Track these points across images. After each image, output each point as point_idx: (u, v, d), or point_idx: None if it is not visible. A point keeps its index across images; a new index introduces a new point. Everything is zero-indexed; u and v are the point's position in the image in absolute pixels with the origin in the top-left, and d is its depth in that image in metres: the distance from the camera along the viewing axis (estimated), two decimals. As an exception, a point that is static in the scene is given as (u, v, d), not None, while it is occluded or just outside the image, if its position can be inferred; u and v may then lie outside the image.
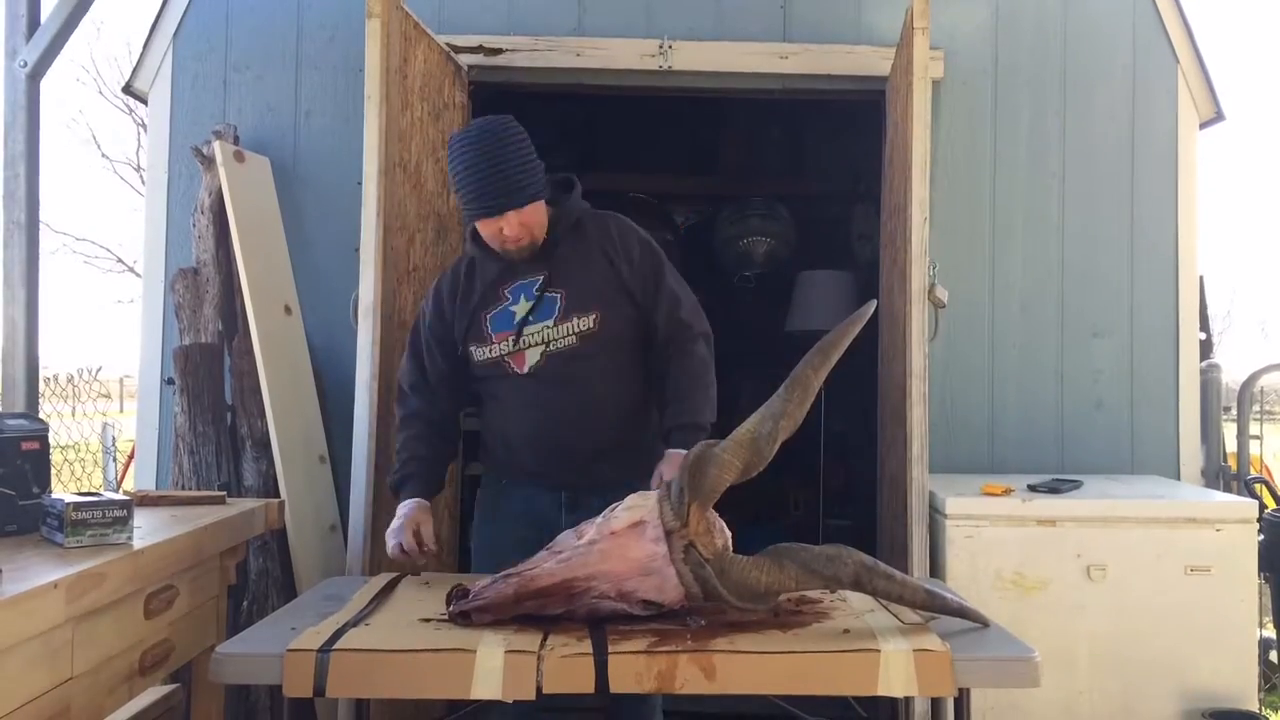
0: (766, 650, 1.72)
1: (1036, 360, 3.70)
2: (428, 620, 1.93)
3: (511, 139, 2.27)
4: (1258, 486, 4.11)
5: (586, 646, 1.72)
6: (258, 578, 3.19)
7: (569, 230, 2.41)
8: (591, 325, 2.35)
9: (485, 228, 2.32)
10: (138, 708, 2.47)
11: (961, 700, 1.81)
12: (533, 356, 2.36)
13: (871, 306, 2.05)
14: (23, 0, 3.61)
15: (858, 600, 2.06)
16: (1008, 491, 3.05)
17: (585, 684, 1.67)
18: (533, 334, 2.36)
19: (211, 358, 3.34)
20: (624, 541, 1.85)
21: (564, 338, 2.35)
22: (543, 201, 2.35)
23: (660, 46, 3.63)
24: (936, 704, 2.74)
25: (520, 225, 2.30)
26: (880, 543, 3.49)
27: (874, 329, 3.75)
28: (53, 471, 2.34)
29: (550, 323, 2.35)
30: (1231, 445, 4.27)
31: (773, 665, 1.70)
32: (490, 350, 2.39)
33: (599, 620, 1.85)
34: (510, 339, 2.37)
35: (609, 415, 2.40)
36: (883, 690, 1.69)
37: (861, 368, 4.27)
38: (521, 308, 2.37)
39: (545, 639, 1.78)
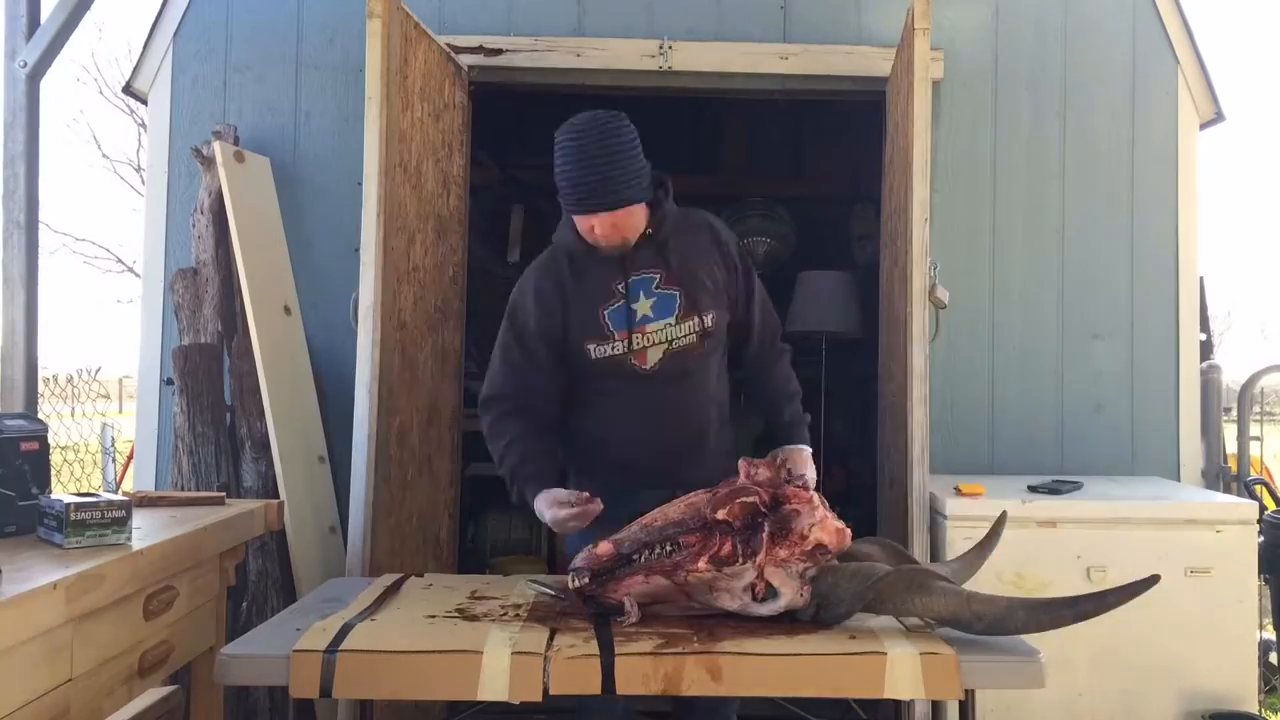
0: (773, 652, 1.72)
1: (1036, 361, 3.70)
2: (433, 617, 1.93)
3: (618, 137, 2.23)
4: (1258, 488, 4.12)
5: (593, 648, 1.72)
6: (257, 579, 3.19)
7: (678, 226, 2.39)
8: (709, 324, 2.36)
9: (578, 222, 2.30)
10: (137, 709, 2.46)
11: (966, 702, 1.81)
12: (654, 355, 2.34)
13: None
14: (23, 0, 3.60)
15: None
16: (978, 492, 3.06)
17: (592, 685, 1.66)
18: (655, 331, 2.34)
19: (211, 358, 3.33)
20: None
21: (685, 336, 2.35)
22: (642, 204, 2.30)
23: (660, 46, 3.63)
24: (937, 705, 2.74)
25: (612, 226, 2.26)
26: (881, 544, 3.48)
27: (874, 329, 3.76)
28: (52, 472, 2.33)
29: (672, 320, 2.34)
30: (1232, 446, 4.28)
31: (779, 667, 1.69)
32: (613, 347, 2.34)
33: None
34: (633, 337, 2.34)
35: (715, 415, 2.46)
36: (889, 693, 1.69)
37: (861, 368, 4.28)
38: (642, 305, 2.34)
39: (551, 639, 1.78)
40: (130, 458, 4.34)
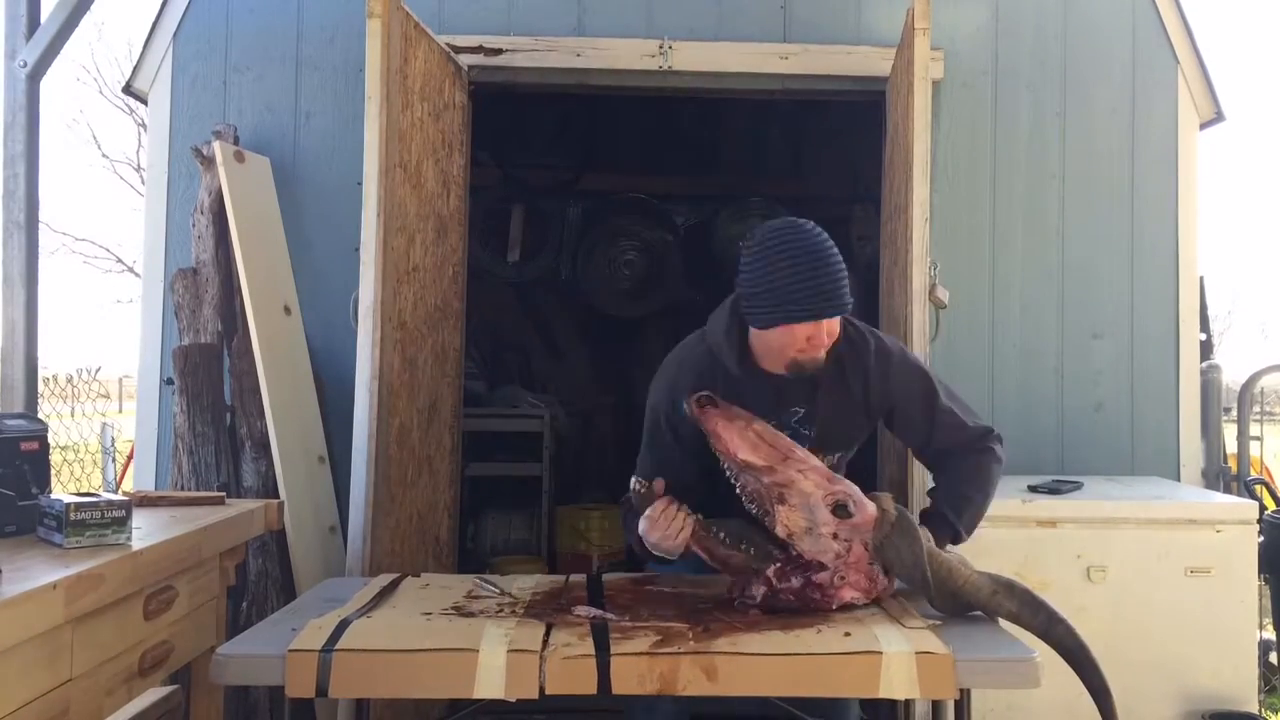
0: (768, 652, 1.72)
1: (1036, 361, 3.70)
2: (429, 614, 1.93)
3: (831, 243, 2.10)
4: (1258, 488, 4.12)
5: (589, 647, 1.72)
6: (257, 579, 3.19)
7: (844, 357, 2.23)
8: (834, 463, 2.24)
9: (794, 334, 2.11)
10: (137, 709, 2.46)
11: (962, 701, 1.81)
12: None
13: None
14: (23, 0, 3.61)
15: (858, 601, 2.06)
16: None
17: (588, 685, 1.67)
18: None
19: (211, 358, 3.33)
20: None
21: None
22: None
23: (660, 46, 3.63)
24: (937, 704, 2.74)
25: (829, 334, 2.12)
26: (880, 543, 3.49)
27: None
28: (52, 472, 2.33)
29: None
30: (1232, 446, 4.28)
31: (775, 667, 1.70)
32: None
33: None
34: None
35: None
36: (884, 693, 1.69)
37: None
38: None
39: (548, 637, 1.78)
40: (130, 458, 4.35)
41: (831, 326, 2.12)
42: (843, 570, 1.96)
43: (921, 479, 2.90)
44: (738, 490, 2.05)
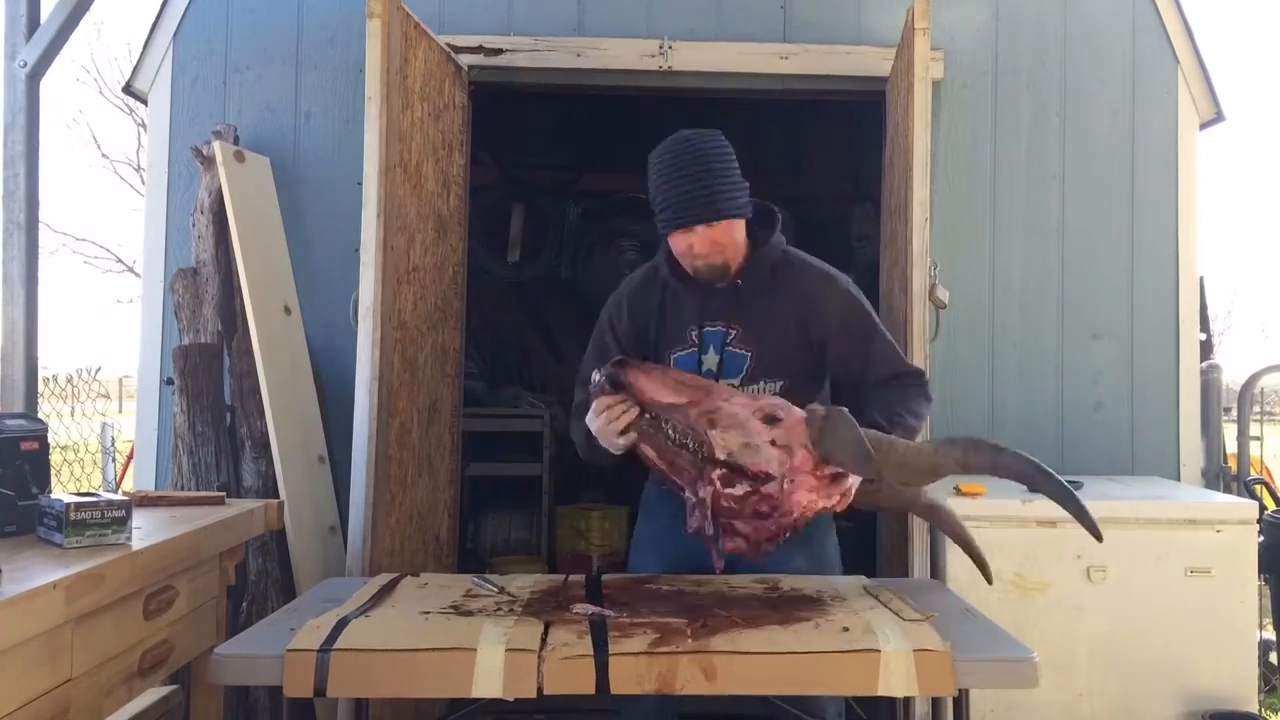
0: (767, 651, 1.72)
1: (1036, 361, 3.70)
2: (427, 613, 1.93)
3: (712, 152, 2.18)
4: (1258, 488, 4.12)
5: (587, 646, 1.72)
6: (257, 579, 3.19)
7: (765, 279, 2.29)
8: (777, 392, 2.23)
9: (675, 243, 2.22)
10: (137, 709, 2.47)
11: (961, 700, 1.81)
12: None
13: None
14: (23, 0, 3.61)
15: (857, 597, 2.06)
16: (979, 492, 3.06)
17: (586, 685, 1.67)
18: None
19: (211, 358, 3.33)
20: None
21: None
22: (741, 223, 2.24)
23: (660, 46, 3.63)
24: (937, 703, 2.74)
25: (711, 243, 2.19)
26: (881, 544, 3.49)
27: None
28: (52, 472, 2.34)
29: (736, 382, 2.26)
30: (1232, 446, 4.28)
31: (773, 666, 1.70)
32: None
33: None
34: None
35: None
36: (883, 691, 1.69)
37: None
38: (710, 359, 2.27)
39: (546, 636, 1.78)
40: (130, 457, 4.35)
41: (712, 235, 2.18)
42: (791, 475, 1.95)
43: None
44: (669, 433, 2.05)
